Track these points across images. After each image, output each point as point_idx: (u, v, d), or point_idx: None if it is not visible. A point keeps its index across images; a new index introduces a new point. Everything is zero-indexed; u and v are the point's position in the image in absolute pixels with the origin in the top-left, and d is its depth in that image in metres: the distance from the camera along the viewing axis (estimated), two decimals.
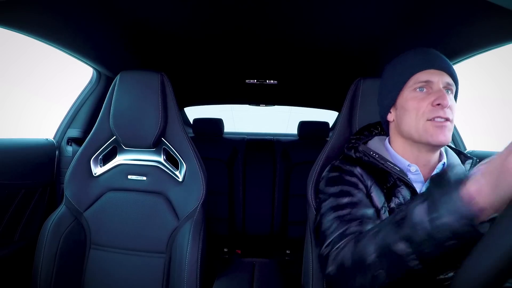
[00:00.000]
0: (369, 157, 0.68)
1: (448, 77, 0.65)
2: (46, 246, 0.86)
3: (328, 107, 2.10)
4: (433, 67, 0.65)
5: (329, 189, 0.67)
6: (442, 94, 0.62)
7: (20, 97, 3.53)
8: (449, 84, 0.65)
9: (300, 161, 1.81)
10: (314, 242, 0.75)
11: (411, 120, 0.65)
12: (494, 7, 0.51)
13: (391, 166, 0.66)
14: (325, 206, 0.64)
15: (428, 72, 0.65)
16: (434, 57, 0.67)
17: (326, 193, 0.67)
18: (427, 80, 0.64)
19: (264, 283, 1.12)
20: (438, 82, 0.64)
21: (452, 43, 0.88)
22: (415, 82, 0.65)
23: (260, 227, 1.82)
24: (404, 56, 0.70)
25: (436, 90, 0.64)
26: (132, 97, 0.91)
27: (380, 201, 0.64)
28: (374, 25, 0.86)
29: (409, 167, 0.67)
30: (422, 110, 0.63)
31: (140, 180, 0.94)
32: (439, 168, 0.67)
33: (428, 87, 0.65)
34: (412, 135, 0.66)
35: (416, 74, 0.66)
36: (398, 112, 0.69)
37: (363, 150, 0.70)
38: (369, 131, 0.80)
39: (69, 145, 1.25)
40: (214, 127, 1.88)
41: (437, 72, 0.65)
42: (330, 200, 0.64)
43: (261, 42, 1.05)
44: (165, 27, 0.93)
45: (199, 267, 0.83)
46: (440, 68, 0.65)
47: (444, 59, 0.67)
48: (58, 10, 0.77)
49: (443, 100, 0.61)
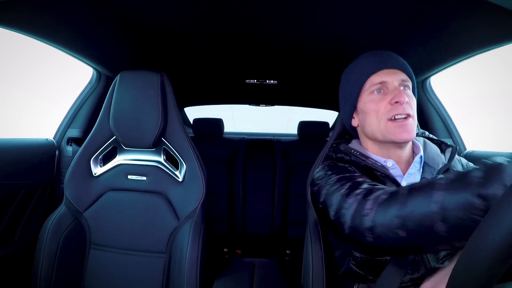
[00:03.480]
0: (350, 155, 0.70)
1: (402, 74, 0.67)
2: (46, 246, 0.86)
3: (328, 107, 2.10)
4: (386, 67, 0.67)
5: (325, 173, 0.68)
6: (398, 92, 0.64)
7: (19, 97, 3.54)
8: (403, 81, 0.67)
9: (300, 161, 1.81)
10: (314, 241, 0.75)
11: (373, 123, 0.67)
12: (494, 7, 0.51)
13: (372, 162, 0.67)
14: (328, 187, 0.63)
15: (381, 73, 0.67)
16: (385, 57, 0.69)
17: (323, 178, 0.67)
18: (381, 81, 0.66)
19: (264, 283, 1.12)
20: (392, 81, 0.66)
21: (452, 44, 0.88)
22: (371, 85, 0.68)
23: (260, 227, 1.82)
24: (356, 62, 0.73)
25: (392, 89, 0.66)
26: (132, 97, 0.91)
27: None
28: (374, 26, 0.86)
29: (385, 162, 0.68)
30: (381, 111, 0.65)
31: (140, 180, 0.94)
32: (417, 162, 0.69)
33: (384, 87, 0.67)
34: (376, 137, 0.68)
35: (370, 77, 0.68)
36: (360, 117, 0.71)
37: (345, 149, 0.72)
38: (350, 135, 0.82)
39: (69, 145, 1.25)
40: (214, 127, 1.88)
41: (391, 71, 0.67)
42: (332, 180, 0.64)
43: (261, 42, 1.05)
44: (165, 27, 0.93)
45: (199, 267, 0.83)
46: (392, 67, 0.67)
47: (396, 57, 0.70)
48: (58, 10, 0.77)
49: (400, 98, 0.63)
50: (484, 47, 0.85)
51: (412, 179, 0.68)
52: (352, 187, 0.58)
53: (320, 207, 0.64)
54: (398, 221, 0.46)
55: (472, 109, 4.07)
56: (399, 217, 0.46)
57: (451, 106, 1.25)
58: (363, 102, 0.69)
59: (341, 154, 0.72)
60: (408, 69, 0.69)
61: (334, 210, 0.58)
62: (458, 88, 1.33)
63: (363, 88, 0.69)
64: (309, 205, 0.80)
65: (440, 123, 1.25)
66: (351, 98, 0.72)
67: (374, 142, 0.70)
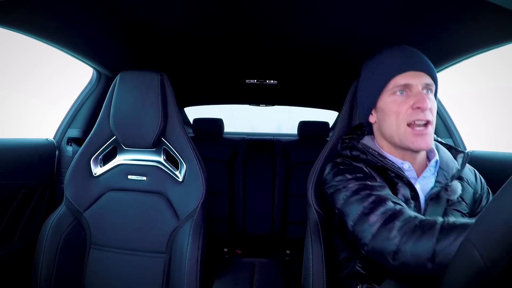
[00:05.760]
0: (367, 154, 0.68)
1: (427, 77, 0.65)
2: (46, 246, 0.86)
3: (328, 107, 2.10)
4: (412, 69, 0.65)
5: (344, 176, 0.65)
6: (422, 97, 0.63)
7: (19, 98, 3.54)
8: (428, 85, 0.65)
9: (300, 161, 1.81)
10: (314, 241, 0.75)
11: (392, 125, 0.66)
12: (493, 7, 0.51)
13: (390, 163, 0.66)
14: (348, 194, 0.61)
15: (406, 74, 0.65)
16: (412, 58, 0.66)
17: (339, 182, 0.65)
18: (405, 83, 0.65)
19: (264, 283, 1.12)
20: (417, 85, 0.64)
21: (451, 44, 0.88)
22: (394, 86, 0.66)
23: (260, 227, 1.82)
24: (381, 57, 0.70)
25: (415, 93, 0.64)
26: (132, 97, 0.91)
27: None
28: (373, 26, 0.86)
29: (402, 164, 0.67)
30: (402, 114, 0.64)
31: (140, 180, 0.94)
32: (432, 166, 0.68)
33: (407, 89, 0.65)
34: (394, 139, 0.67)
35: (395, 77, 0.65)
36: (379, 115, 0.70)
37: (363, 147, 0.70)
38: (362, 130, 0.80)
39: (69, 145, 1.25)
40: (214, 127, 1.88)
41: (416, 73, 0.65)
42: (352, 187, 0.62)
43: (261, 42, 1.05)
44: (165, 27, 0.93)
45: (199, 267, 0.83)
46: (418, 69, 0.65)
47: (423, 58, 0.67)
48: (58, 10, 0.77)
49: (422, 104, 0.62)
50: (484, 47, 0.85)
51: (426, 182, 0.67)
52: (376, 202, 0.57)
53: (336, 212, 0.62)
54: (430, 253, 0.46)
55: (466, 106, 4.06)
56: (432, 250, 0.46)
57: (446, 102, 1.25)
58: (384, 101, 0.68)
59: (357, 152, 0.70)
60: (434, 72, 0.67)
61: (353, 221, 0.57)
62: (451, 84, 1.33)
63: (386, 87, 0.67)
64: (309, 205, 0.80)
65: (440, 123, 1.25)
66: (372, 95, 0.70)
67: (390, 143, 0.69)
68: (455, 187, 0.66)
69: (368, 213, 0.56)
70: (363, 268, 0.66)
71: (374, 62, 0.71)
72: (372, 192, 0.59)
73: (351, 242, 0.59)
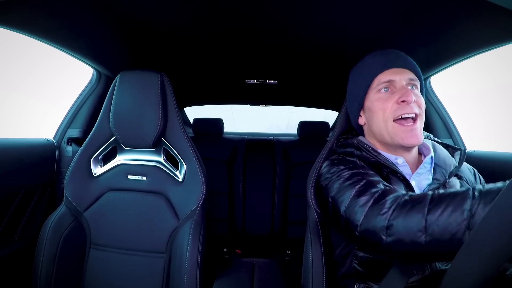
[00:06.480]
0: (362, 150, 0.69)
1: (410, 73, 0.67)
2: (46, 246, 0.86)
3: (328, 107, 2.10)
4: (394, 66, 0.67)
5: (337, 167, 0.66)
6: (405, 91, 0.64)
7: (19, 98, 3.54)
8: (411, 80, 0.67)
9: (300, 161, 1.81)
10: (314, 241, 0.75)
11: (380, 122, 0.67)
12: (493, 7, 0.51)
13: (384, 158, 0.66)
14: (341, 181, 0.62)
15: (389, 72, 0.67)
16: (394, 56, 0.68)
17: (334, 172, 0.66)
18: (389, 79, 0.66)
19: (264, 283, 1.12)
20: (400, 80, 0.66)
21: (452, 44, 0.88)
22: (378, 84, 0.67)
23: (260, 227, 1.82)
24: (364, 60, 0.73)
25: (399, 88, 0.65)
26: (132, 97, 0.91)
27: None
28: (374, 26, 0.86)
29: (396, 160, 0.68)
30: (388, 110, 0.65)
31: (140, 180, 0.94)
32: (427, 162, 0.68)
33: (391, 86, 0.67)
34: (384, 138, 0.68)
35: (378, 75, 0.67)
36: (367, 115, 0.71)
37: (358, 143, 0.71)
38: (356, 132, 0.81)
39: (69, 145, 1.25)
40: (214, 127, 1.88)
41: (399, 70, 0.67)
42: (345, 175, 0.63)
43: (261, 42, 1.05)
44: (165, 27, 0.93)
45: (199, 267, 0.83)
46: (400, 66, 0.67)
47: (404, 56, 0.69)
48: (58, 10, 0.77)
49: (407, 97, 0.63)
50: (484, 47, 0.85)
51: (422, 179, 0.67)
52: (367, 184, 0.57)
53: (330, 201, 0.63)
54: (422, 224, 0.45)
55: (467, 106, 4.06)
56: (423, 221, 0.45)
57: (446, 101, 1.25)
58: (370, 100, 0.69)
59: (351, 148, 0.71)
60: (416, 69, 0.69)
61: (346, 205, 0.57)
62: (451, 84, 1.33)
63: (370, 86, 0.69)
64: (309, 205, 0.80)
65: (440, 123, 1.25)
66: (359, 96, 0.71)
67: (381, 141, 0.70)
68: (453, 184, 0.66)
69: (359, 195, 0.56)
70: (360, 265, 0.66)
71: (359, 65, 0.74)
72: (364, 177, 0.60)
73: (345, 229, 0.58)
